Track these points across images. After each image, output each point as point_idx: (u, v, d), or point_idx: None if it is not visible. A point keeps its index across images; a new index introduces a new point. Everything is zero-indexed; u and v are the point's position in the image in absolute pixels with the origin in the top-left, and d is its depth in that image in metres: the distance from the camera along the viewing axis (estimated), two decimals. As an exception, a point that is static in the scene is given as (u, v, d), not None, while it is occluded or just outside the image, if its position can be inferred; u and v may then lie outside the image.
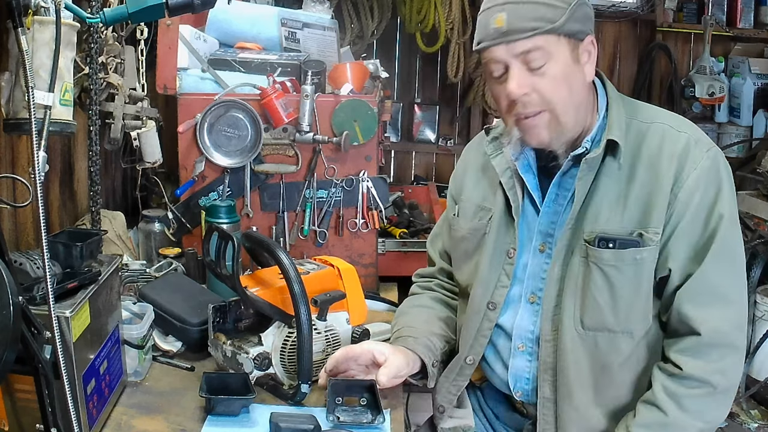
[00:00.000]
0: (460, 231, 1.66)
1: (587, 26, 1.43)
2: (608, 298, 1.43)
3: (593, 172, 1.45)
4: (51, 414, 1.15)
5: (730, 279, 1.42)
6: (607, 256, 1.42)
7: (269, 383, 1.60)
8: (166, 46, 2.16)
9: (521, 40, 1.37)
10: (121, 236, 2.24)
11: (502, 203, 1.57)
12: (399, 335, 1.64)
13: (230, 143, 2.15)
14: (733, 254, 1.43)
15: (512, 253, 1.54)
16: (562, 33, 1.38)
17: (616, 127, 1.45)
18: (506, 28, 1.37)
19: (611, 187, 1.45)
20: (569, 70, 1.40)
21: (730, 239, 1.41)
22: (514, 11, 1.36)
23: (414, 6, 3.80)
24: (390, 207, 2.74)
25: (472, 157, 1.71)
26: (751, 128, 4.55)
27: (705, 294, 1.40)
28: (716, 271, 1.40)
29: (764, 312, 3.50)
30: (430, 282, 1.81)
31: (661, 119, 1.49)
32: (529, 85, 1.39)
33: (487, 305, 1.56)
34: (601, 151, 1.43)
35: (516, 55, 1.38)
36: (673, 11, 4.49)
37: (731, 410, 3.50)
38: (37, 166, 1.21)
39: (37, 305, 1.18)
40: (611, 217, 1.44)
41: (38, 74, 1.32)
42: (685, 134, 1.45)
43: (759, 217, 3.76)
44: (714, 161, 1.42)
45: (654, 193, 1.41)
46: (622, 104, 1.51)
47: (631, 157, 1.45)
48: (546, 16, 1.36)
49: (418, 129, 4.55)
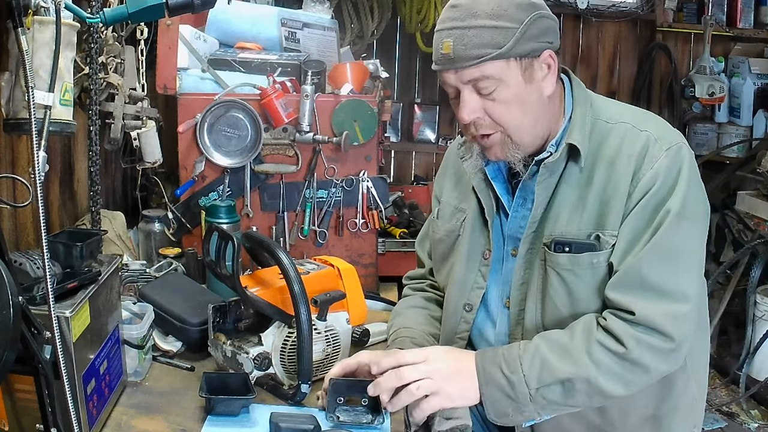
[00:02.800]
0: (438, 233, 1.67)
1: (545, 39, 1.39)
2: (566, 301, 1.43)
3: (555, 176, 1.44)
4: (51, 414, 1.15)
5: (667, 274, 1.36)
6: (563, 260, 1.42)
7: (269, 383, 1.60)
8: (166, 46, 2.16)
9: (468, 68, 1.36)
10: (121, 236, 2.24)
11: (475, 205, 1.57)
12: (396, 336, 1.64)
13: (230, 143, 2.15)
14: (676, 250, 1.37)
15: (487, 254, 1.54)
16: (511, 56, 1.35)
17: (577, 131, 1.43)
18: (453, 56, 1.35)
19: (572, 191, 1.43)
20: (522, 92, 1.38)
21: (675, 235, 1.36)
22: (460, 38, 1.34)
23: (414, 6, 3.81)
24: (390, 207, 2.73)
25: (452, 160, 1.71)
26: (751, 128, 4.55)
27: (634, 285, 1.36)
28: (650, 264, 1.35)
29: (764, 312, 3.49)
30: (422, 283, 1.81)
31: (625, 119, 1.45)
32: (479, 110, 1.39)
33: (464, 306, 1.57)
34: (560, 155, 1.42)
35: (465, 82, 1.38)
36: (673, 11, 4.49)
37: (731, 410, 3.50)
38: (37, 166, 1.21)
39: (37, 305, 1.18)
40: (570, 220, 1.43)
41: (38, 74, 1.32)
42: (645, 133, 1.41)
43: (759, 217, 3.77)
44: (673, 159, 1.38)
45: (612, 195, 1.39)
46: (590, 105, 1.48)
47: (592, 159, 1.43)
48: (493, 41, 1.33)
49: (418, 129, 4.55)
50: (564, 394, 1.37)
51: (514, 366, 1.37)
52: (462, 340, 1.58)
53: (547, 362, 1.36)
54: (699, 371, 1.57)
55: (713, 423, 3.41)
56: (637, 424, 1.49)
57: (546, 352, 1.37)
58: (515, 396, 1.37)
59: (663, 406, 1.49)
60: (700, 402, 1.58)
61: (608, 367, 1.35)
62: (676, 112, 4.61)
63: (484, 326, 1.58)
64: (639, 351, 1.34)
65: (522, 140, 1.42)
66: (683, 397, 1.51)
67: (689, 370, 1.50)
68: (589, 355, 1.35)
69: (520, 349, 1.39)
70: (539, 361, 1.37)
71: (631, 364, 1.35)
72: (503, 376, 1.37)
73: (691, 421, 1.56)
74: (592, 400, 1.39)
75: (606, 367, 1.35)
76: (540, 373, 1.36)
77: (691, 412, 1.56)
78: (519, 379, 1.36)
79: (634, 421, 1.48)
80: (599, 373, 1.35)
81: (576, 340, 1.37)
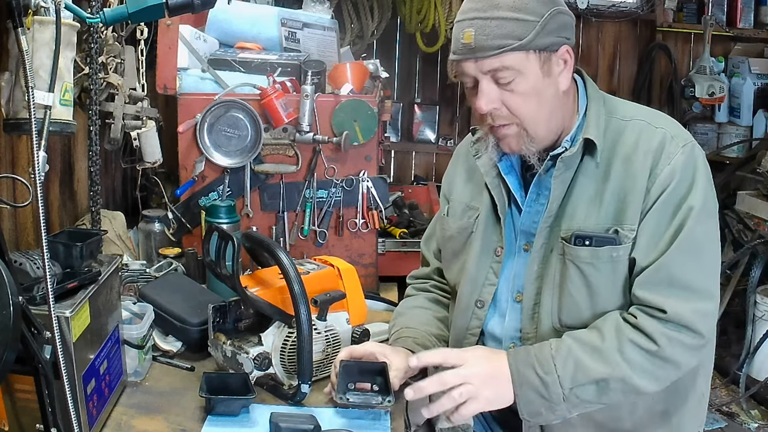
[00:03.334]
0: (449, 230, 1.67)
1: (563, 35, 1.41)
2: (585, 295, 1.44)
3: (571, 171, 1.45)
4: (51, 414, 1.15)
5: (694, 271, 1.39)
6: (583, 253, 1.42)
7: (269, 383, 1.60)
8: (166, 46, 2.16)
9: (489, 58, 1.37)
10: (121, 236, 2.24)
11: (488, 202, 1.58)
12: (398, 336, 1.64)
13: (230, 143, 2.15)
14: (700, 247, 1.40)
15: (499, 251, 1.55)
16: (531, 49, 1.37)
17: (593, 126, 1.45)
18: (474, 45, 1.37)
19: (588, 185, 1.45)
20: (540, 85, 1.40)
21: (699, 232, 1.38)
22: (482, 28, 1.36)
23: (414, 6, 3.81)
24: (390, 207, 2.74)
25: (462, 158, 1.72)
26: (751, 128, 4.55)
27: (663, 284, 1.38)
28: (678, 263, 1.37)
29: (764, 312, 3.49)
30: (426, 283, 1.81)
31: (639, 116, 1.48)
32: (497, 101, 1.41)
33: (475, 303, 1.58)
34: (577, 149, 1.43)
35: (484, 71, 1.39)
36: (673, 11, 4.49)
37: (731, 410, 3.50)
38: (37, 166, 1.21)
39: (37, 305, 1.18)
40: (588, 214, 1.44)
41: (38, 74, 1.32)
42: (661, 130, 1.43)
43: (759, 217, 3.77)
44: (689, 156, 1.41)
45: (630, 190, 1.41)
46: (603, 103, 1.50)
47: (608, 155, 1.44)
48: (514, 33, 1.35)
49: (418, 129, 4.55)
50: (598, 394, 1.39)
51: (548, 367, 1.39)
52: (473, 336, 1.59)
53: (581, 363, 1.38)
54: (706, 366, 1.58)
55: (713, 423, 3.41)
56: (646, 419, 1.50)
57: (579, 352, 1.39)
58: (549, 396, 1.38)
59: (673, 401, 1.50)
60: (706, 398, 1.60)
61: (641, 365, 1.37)
62: (676, 112, 4.61)
63: (491, 321, 1.58)
64: (671, 348, 1.37)
65: (537, 133, 1.44)
66: (692, 392, 1.53)
67: (698, 366, 1.51)
68: (622, 354, 1.37)
69: (552, 349, 1.40)
70: (573, 362, 1.38)
71: (662, 360, 1.38)
72: (537, 377, 1.39)
73: (699, 416, 1.58)
74: (626, 397, 1.42)
75: (639, 366, 1.37)
76: (574, 373, 1.38)
77: (700, 407, 1.57)
78: (553, 380, 1.38)
79: (643, 416, 1.49)
80: (633, 371, 1.37)
81: (608, 341, 1.38)
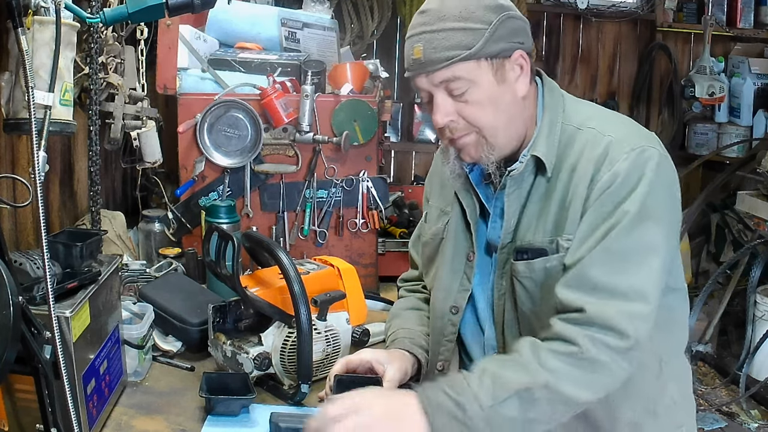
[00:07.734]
0: (425, 236, 1.67)
1: (515, 40, 1.38)
2: (532, 309, 1.42)
3: (524, 188, 1.43)
4: (51, 414, 1.14)
5: (619, 273, 1.31)
6: (521, 268, 1.41)
7: (269, 383, 1.60)
8: (166, 46, 2.16)
9: (439, 71, 1.36)
10: (121, 236, 2.24)
11: (458, 208, 1.56)
12: (395, 337, 1.64)
13: (230, 143, 2.16)
14: (631, 251, 1.32)
15: (472, 256, 1.53)
16: (481, 57, 1.35)
17: (542, 141, 1.42)
18: (423, 59, 1.36)
19: (538, 200, 1.43)
20: (495, 92, 1.38)
21: (631, 235, 1.31)
22: (430, 41, 1.35)
23: (414, 6, 3.80)
24: (390, 207, 2.73)
25: (439, 163, 1.70)
26: (751, 128, 4.56)
27: (584, 283, 1.32)
28: (600, 263, 1.31)
29: (764, 312, 3.49)
30: (417, 285, 1.80)
31: (592, 123, 1.42)
32: (453, 113, 1.39)
33: (450, 309, 1.56)
34: (524, 167, 1.42)
35: (436, 84, 1.38)
36: (673, 11, 4.50)
37: (731, 410, 3.50)
38: (37, 166, 1.21)
39: (37, 305, 1.19)
40: (537, 229, 1.42)
41: (38, 74, 1.32)
42: (608, 137, 1.37)
43: (759, 217, 3.77)
44: (634, 161, 1.34)
45: (572, 199, 1.37)
46: (562, 110, 1.46)
47: (558, 166, 1.41)
48: (462, 43, 1.34)
49: (418, 129, 4.55)
50: (523, 408, 1.26)
51: (460, 387, 1.28)
52: (450, 343, 1.56)
53: (499, 376, 1.29)
54: (677, 373, 1.53)
55: (713, 423, 3.40)
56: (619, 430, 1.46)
57: (495, 368, 1.31)
58: (465, 419, 1.25)
59: (641, 411, 1.46)
60: (683, 404, 1.55)
61: (565, 372, 1.28)
62: (676, 112, 4.61)
63: (474, 330, 1.56)
64: (595, 349, 1.28)
65: (497, 141, 1.41)
66: (661, 401, 1.48)
67: (665, 375, 1.47)
68: (540, 363, 1.29)
69: (463, 373, 1.34)
70: (489, 377, 1.29)
71: (589, 363, 1.29)
72: (449, 398, 1.27)
73: (674, 423, 1.53)
74: (556, 410, 1.29)
75: (563, 372, 1.28)
76: (493, 389, 1.26)
77: (674, 415, 1.52)
78: (468, 399, 1.26)
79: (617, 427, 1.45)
80: (556, 378, 1.27)
81: (525, 356, 1.31)
